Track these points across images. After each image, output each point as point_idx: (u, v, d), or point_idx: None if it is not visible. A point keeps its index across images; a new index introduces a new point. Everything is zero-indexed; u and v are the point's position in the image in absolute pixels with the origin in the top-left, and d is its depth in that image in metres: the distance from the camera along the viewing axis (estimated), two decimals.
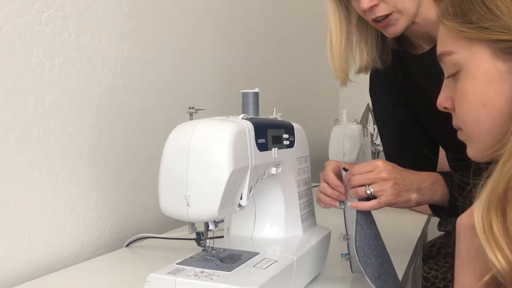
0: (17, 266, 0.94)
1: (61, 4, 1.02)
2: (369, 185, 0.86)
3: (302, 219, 0.91)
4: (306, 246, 0.84)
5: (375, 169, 0.87)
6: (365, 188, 0.85)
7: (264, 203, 0.88)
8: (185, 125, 0.70)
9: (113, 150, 1.16)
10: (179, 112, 1.29)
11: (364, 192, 0.85)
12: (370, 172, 0.87)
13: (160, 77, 1.32)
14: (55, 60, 1.00)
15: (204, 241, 0.75)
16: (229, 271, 0.70)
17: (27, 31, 0.94)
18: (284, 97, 2.07)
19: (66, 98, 1.03)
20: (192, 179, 0.67)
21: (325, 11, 1.12)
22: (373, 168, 0.87)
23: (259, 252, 0.79)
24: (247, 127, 0.72)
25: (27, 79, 0.95)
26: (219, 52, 1.59)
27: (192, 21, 1.45)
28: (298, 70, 2.23)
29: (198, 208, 0.67)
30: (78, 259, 1.07)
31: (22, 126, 0.94)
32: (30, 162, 0.96)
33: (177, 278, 0.67)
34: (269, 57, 1.95)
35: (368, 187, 0.85)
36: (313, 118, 2.31)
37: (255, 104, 0.85)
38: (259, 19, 1.86)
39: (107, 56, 1.14)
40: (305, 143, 0.94)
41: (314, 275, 0.89)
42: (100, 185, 1.13)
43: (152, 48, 1.29)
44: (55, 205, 1.01)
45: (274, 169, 0.81)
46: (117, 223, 1.18)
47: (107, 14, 1.14)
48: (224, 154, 0.66)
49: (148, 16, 1.27)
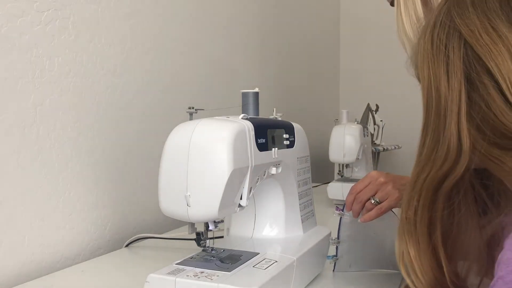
0: (17, 266, 0.94)
1: (61, 4, 1.01)
2: (373, 196, 0.90)
3: (302, 219, 0.91)
4: (306, 246, 0.84)
5: (372, 180, 0.92)
6: (371, 201, 0.90)
7: (264, 203, 0.88)
8: (185, 125, 0.70)
9: (113, 150, 1.16)
10: (179, 112, 1.29)
11: (372, 204, 0.90)
12: (369, 185, 0.91)
13: (160, 77, 1.32)
14: (55, 60, 1.00)
15: (204, 241, 0.75)
16: (229, 272, 0.69)
17: (27, 31, 0.94)
18: (284, 97, 2.07)
19: (66, 98, 1.03)
20: (192, 179, 0.66)
21: (325, 11, 1.12)
22: (369, 180, 0.92)
23: (259, 252, 0.79)
24: (247, 127, 0.72)
25: (26, 79, 0.94)
26: (219, 52, 1.59)
27: (192, 21, 1.45)
28: (298, 70, 2.23)
29: (198, 208, 0.67)
30: (78, 259, 1.06)
31: (22, 126, 0.94)
32: (30, 162, 0.96)
33: (177, 279, 0.67)
34: (269, 57, 1.95)
35: (372, 198, 0.90)
36: (313, 118, 2.31)
37: (255, 104, 0.85)
38: (259, 19, 1.86)
39: (107, 56, 1.14)
40: (305, 143, 0.94)
41: (314, 275, 0.89)
42: (100, 185, 1.13)
43: (152, 48, 1.29)
44: (55, 205, 1.01)
45: (274, 169, 0.81)
46: (117, 223, 1.18)
47: (107, 14, 1.14)
48: (224, 154, 0.66)
49: (148, 16, 1.27)
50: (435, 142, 0.57)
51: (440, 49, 0.57)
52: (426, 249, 0.58)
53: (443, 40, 0.57)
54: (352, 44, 2.71)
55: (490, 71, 0.53)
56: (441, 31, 0.57)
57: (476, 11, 0.55)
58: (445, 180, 0.56)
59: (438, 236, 0.58)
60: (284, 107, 1.98)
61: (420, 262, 0.59)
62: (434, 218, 0.58)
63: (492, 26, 0.54)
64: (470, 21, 0.55)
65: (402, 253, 0.60)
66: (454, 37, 0.56)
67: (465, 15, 0.56)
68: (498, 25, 0.54)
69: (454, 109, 0.55)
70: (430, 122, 0.57)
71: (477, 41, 0.54)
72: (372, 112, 1.90)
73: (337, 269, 0.93)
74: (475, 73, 0.54)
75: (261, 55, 1.89)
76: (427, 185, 0.57)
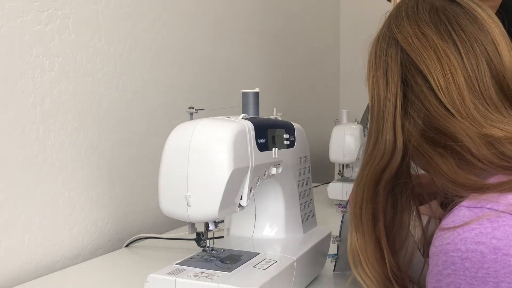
0: (17, 266, 0.94)
1: (61, 3, 1.01)
2: None
3: (303, 220, 0.91)
4: (306, 247, 0.84)
5: None
6: None
7: (264, 203, 0.88)
8: (185, 125, 0.70)
9: (112, 150, 1.16)
10: (179, 112, 1.29)
11: None
12: None
13: (160, 77, 1.32)
14: (54, 60, 1.00)
15: (204, 242, 0.75)
16: (229, 272, 0.69)
17: (27, 30, 0.94)
18: (284, 97, 2.07)
19: (66, 98, 1.03)
20: (192, 179, 0.66)
21: (325, 11, 1.12)
22: None
23: (259, 252, 0.79)
24: (247, 127, 0.72)
25: (26, 79, 0.94)
26: (219, 52, 1.58)
27: (192, 21, 1.45)
28: (298, 70, 2.23)
29: (198, 208, 0.67)
30: (78, 259, 1.06)
31: (22, 125, 0.94)
32: (30, 162, 0.96)
33: (177, 279, 0.67)
34: (269, 57, 1.95)
35: None
36: (313, 118, 2.31)
37: (255, 104, 0.84)
38: (259, 19, 1.86)
39: (107, 56, 1.14)
40: (306, 143, 0.94)
41: (314, 275, 0.89)
42: (100, 185, 1.12)
43: (152, 48, 1.29)
44: (54, 205, 1.01)
45: (274, 169, 0.81)
46: (117, 223, 1.17)
47: (107, 14, 1.14)
48: (224, 154, 0.66)
49: (148, 16, 1.27)
50: (375, 142, 0.64)
51: (381, 58, 0.65)
52: (371, 240, 0.65)
53: (384, 49, 0.65)
54: (352, 44, 2.71)
55: (422, 72, 0.61)
56: (383, 41, 0.66)
57: (409, 21, 0.64)
58: (383, 173, 0.63)
59: (381, 227, 0.64)
60: (284, 107, 1.98)
61: (366, 254, 0.65)
62: (376, 210, 0.64)
63: (422, 32, 0.62)
64: (404, 29, 0.63)
65: (351, 246, 0.67)
66: (392, 44, 0.64)
67: (400, 25, 0.64)
68: (427, 31, 0.62)
69: (390, 109, 0.63)
70: (373, 125, 0.65)
71: (409, 46, 0.62)
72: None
73: (337, 269, 0.93)
74: (410, 75, 0.62)
75: (262, 55, 1.89)
76: (369, 179, 0.64)
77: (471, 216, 0.50)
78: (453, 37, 0.60)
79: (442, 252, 0.50)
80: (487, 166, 0.56)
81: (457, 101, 0.58)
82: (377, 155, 0.64)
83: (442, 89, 0.59)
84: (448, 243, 0.50)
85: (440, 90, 0.59)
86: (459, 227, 0.50)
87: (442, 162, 0.59)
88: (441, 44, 0.60)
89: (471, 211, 0.51)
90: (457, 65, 0.59)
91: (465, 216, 0.51)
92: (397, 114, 0.62)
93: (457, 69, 0.59)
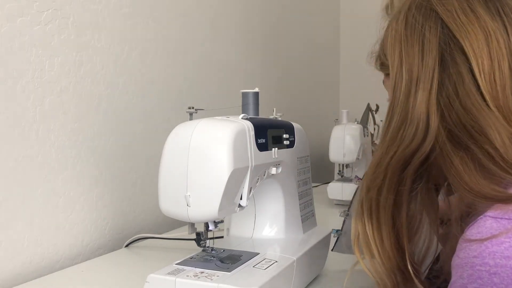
0: (17, 266, 0.94)
1: (60, 3, 1.01)
2: None
3: (302, 219, 0.91)
4: (306, 247, 0.84)
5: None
6: None
7: (264, 203, 0.88)
8: (185, 125, 0.70)
9: (112, 150, 1.16)
10: (179, 112, 1.29)
11: None
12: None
13: (160, 77, 1.32)
14: (54, 60, 1.00)
15: (204, 242, 0.75)
16: (229, 272, 0.69)
17: (27, 30, 0.94)
18: (284, 97, 2.07)
19: (66, 98, 1.03)
20: (192, 179, 0.66)
21: (325, 11, 1.12)
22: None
23: (259, 252, 0.79)
24: (247, 127, 0.72)
25: (26, 79, 0.94)
26: (219, 52, 1.58)
27: (192, 21, 1.45)
28: (298, 70, 2.23)
29: (198, 208, 0.67)
30: (78, 259, 1.06)
31: (22, 126, 0.94)
32: (30, 162, 0.96)
33: (177, 279, 0.67)
34: (269, 57, 1.95)
35: None
36: (313, 118, 2.31)
37: (255, 104, 0.84)
38: (259, 19, 1.86)
39: (106, 56, 1.14)
40: (306, 143, 0.94)
41: (314, 275, 0.89)
42: (100, 185, 1.12)
43: (152, 48, 1.29)
44: (54, 205, 1.01)
45: (274, 169, 0.81)
46: (116, 223, 1.18)
47: (107, 14, 1.14)
48: (224, 154, 0.66)
49: (148, 16, 1.27)
50: (401, 122, 0.56)
51: (415, 29, 0.57)
52: (390, 232, 0.59)
53: (419, 20, 0.57)
54: (352, 44, 2.71)
55: (463, 50, 0.53)
56: (417, 12, 0.58)
57: None
58: (413, 158, 0.56)
59: (403, 219, 0.58)
60: (284, 107, 1.98)
61: (382, 244, 0.59)
62: (399, 201, 0.58)
63: (470, 7, 0.54)
64: (447, 1, 0.56)
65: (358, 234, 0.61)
66: (431, 17, 0.56)
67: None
68: (476, 6, 0.54)
69: (426, 87, 0.55)
70: (397, 103, 0.57)
71: (454, 21, 0.54)
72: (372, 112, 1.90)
73: (336, 249, 0.92)
74: (448, 53, 0.54)
75: (262, 55, 1.89)
76: (394, 164, 0.57)
77: (499, 228, 0.47)
78: (503, 18, 0.54)
79: (468, 265, 0.47)
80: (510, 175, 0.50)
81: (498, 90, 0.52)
82: (405, 136, 0.56)
83: (484, 74, 0.52)
84: (475, 256, 0.47)
85: (481, 75, 0.52)
86: (486, 239, 0.47)
87: (463, 169, 0.53)
88: (491, 24, 0.53)
89: (498, 222, 0.48)
90: (505, 50, 0.53)
91: (492, 227, 0.48)
92: (433, 92, 0.55)
93: (504, 55, 0.52)
